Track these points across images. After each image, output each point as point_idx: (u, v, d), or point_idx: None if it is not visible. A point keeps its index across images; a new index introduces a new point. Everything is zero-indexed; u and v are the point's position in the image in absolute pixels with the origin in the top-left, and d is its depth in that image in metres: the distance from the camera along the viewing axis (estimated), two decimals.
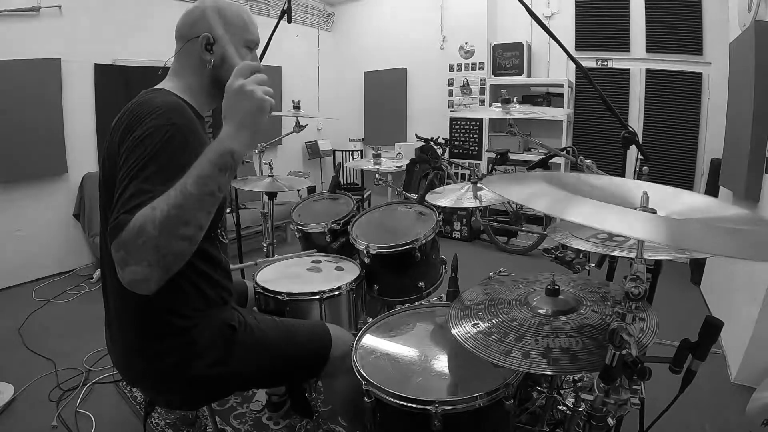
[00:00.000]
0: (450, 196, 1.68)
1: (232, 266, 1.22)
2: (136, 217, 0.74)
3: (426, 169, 4.60)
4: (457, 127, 4.84)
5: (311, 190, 3.04)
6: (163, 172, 0.81)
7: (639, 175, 1.26)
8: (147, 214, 0.74)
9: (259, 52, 1.17)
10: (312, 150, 5.57)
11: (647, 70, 3.89)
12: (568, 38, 4.15)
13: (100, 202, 0.99)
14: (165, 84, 1.05)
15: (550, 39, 1.36)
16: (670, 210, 0.75)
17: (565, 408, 1.23)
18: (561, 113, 3.63)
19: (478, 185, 1.68)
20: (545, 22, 3.87)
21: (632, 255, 0.72)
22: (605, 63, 4.10)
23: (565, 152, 1.46)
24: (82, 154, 3.55)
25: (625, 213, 0.63)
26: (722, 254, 0.52)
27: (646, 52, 3.88)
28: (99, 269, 3.33)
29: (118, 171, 0.84)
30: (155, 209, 0.74)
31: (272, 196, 2.09)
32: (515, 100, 1.53)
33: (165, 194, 0.76)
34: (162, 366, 1.02)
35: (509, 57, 4.44)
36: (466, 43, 4.73)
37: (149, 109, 0.89)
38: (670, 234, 0.57)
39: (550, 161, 1.64)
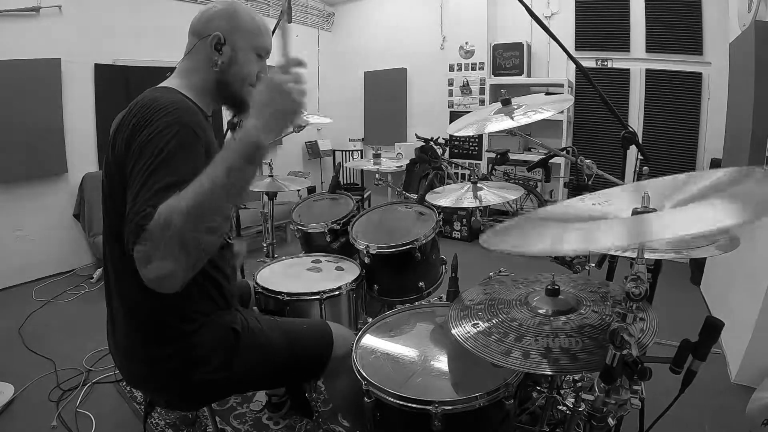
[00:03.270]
0: (450, 196, 1.68)
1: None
2: (161, 209, 0.72)
3: (426, 169, 4.60)
4: None
5: (311, 190, 3.04)
6: (178, 168, 0.81)
7: (639, 176, 1.26)
8: (173, 205, 0.72)
9: None
10: (312, 150, 5.57)
11: (647, 70, 3.89)
12: (568, 38, 4.15)
13: (103, 203, 0.97)
14: (170, 82, 1.03)
15: (550, 39, 1.36)
16: (675, 201, 0.71)
17: (565, 408, 1.23)
18: (564, 99, 3.59)
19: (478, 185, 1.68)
20: (545, 22, 3.87)
21: (632, 255, 0.72)
22: (605, 63, 4.09)
23: (565, 152, 1.46)
24: (82, 154, 3.55)
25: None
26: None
27: (646, 52, 3.88)
28: (99, 269, 3.33)
29: (129, 171, 0.83)
30: (181, 199, 0.72)
31: (272, 196, 2.09)
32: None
33: (191, 185, 0.74)
34: (164, 369, 1.01)
35: (509, 57, 4.44)
36: (466, 43, 4.73)
37: (157, 108, 0.87)
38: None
39: (549, 161, 1.64)
